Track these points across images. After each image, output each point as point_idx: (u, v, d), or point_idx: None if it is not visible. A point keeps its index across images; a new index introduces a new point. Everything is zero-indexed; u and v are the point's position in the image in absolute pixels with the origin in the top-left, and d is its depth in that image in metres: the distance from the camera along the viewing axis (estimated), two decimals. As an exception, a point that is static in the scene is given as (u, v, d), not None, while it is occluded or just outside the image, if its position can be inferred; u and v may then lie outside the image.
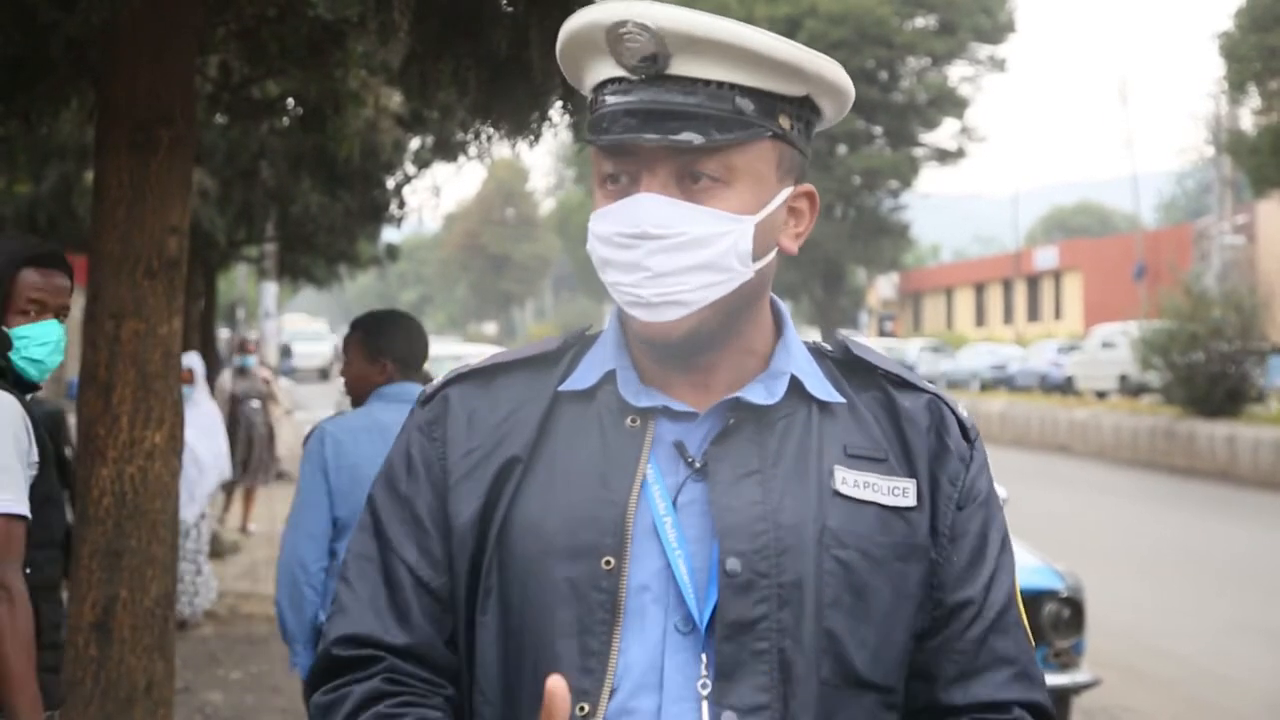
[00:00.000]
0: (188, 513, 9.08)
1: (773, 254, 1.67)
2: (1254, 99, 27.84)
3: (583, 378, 1.70)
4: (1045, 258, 56.55)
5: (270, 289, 20.70)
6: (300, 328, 54.85)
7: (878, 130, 42.78)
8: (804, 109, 1.65)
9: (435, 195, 16.58)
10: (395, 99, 8.60)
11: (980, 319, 61.12)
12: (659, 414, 1.65)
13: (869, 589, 1.60)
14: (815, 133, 1.72)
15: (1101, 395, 32.85)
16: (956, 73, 43.80)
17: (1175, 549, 14.44)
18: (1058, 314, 54.93)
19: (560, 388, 1.69)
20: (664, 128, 1.57)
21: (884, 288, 65.53)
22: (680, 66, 1.58)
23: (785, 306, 1.77)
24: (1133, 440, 25.47)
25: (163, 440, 4.43)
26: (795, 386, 1.67)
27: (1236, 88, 27.83)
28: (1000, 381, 39.42)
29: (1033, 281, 57.23)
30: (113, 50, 4.45)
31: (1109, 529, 15.67)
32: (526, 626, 1.60)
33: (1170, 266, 29.94)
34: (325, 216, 11.75)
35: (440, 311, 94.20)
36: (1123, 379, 31.88)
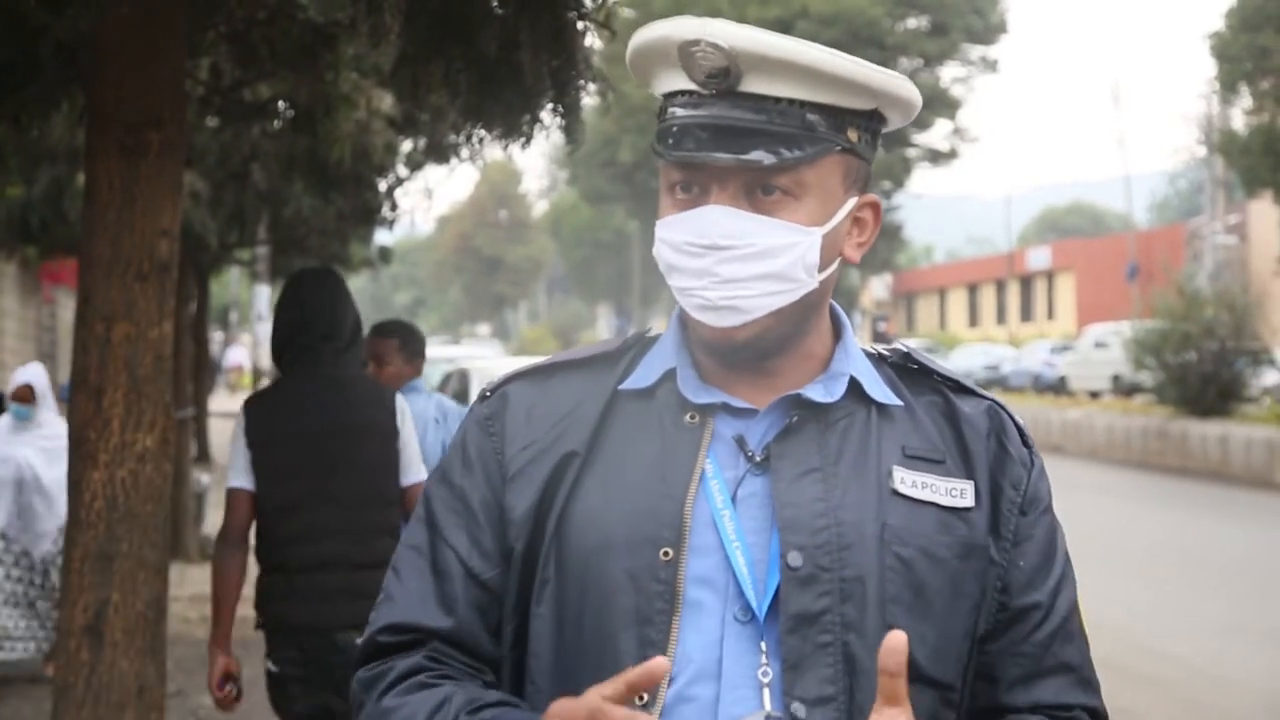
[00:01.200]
0: (38, 550, 8.07)
1: (836, 264, 1.71)
2: (1245, 99, 27.90)
3: (643, 377, 1.73)
4: (1038, 258, 56.64)
5: (263, 292, 20.68)
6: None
7: (870, 131, 42.79)
8: (872, 121, 1.70)
9: (428, 197, 16.57)
10: (386, 101, 8.58)
11: (973, 319, 61.21)
12: (718, 410, 1.69)
13: (928, 587, 1.63)
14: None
15: (1094, 395, 32.90)
16: (949, 74, 43.88)
17: (1169, 549, 14.46)
18: (1051, 314, 55.01)
19: (620, 387, 1.72)
20: (735, 145, 1.60)
21: (877, 288, 65.61)
22: (751, 84, 1.61)
23: (839, 308, 1.80)
24: (1125, 440, 25.50)
25: (154, 443, 4.42)
26: (854, 388, 1.70)
27: (1228, 88, 27.89)
28: (993, 382, 39.46)
29: (1026, 282, 57.32)
30: (102, 53, 4.44)
31: (1102, 529, 15.68)
32: (585, 618, 1.62)
33: (1163, 266, 29.99)
34: (317, 219, 11.74)
35: (433, 314, 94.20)
36: (1116, 379, 31.92)
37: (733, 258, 1.61)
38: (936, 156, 43.97)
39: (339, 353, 4.42)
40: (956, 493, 1.68)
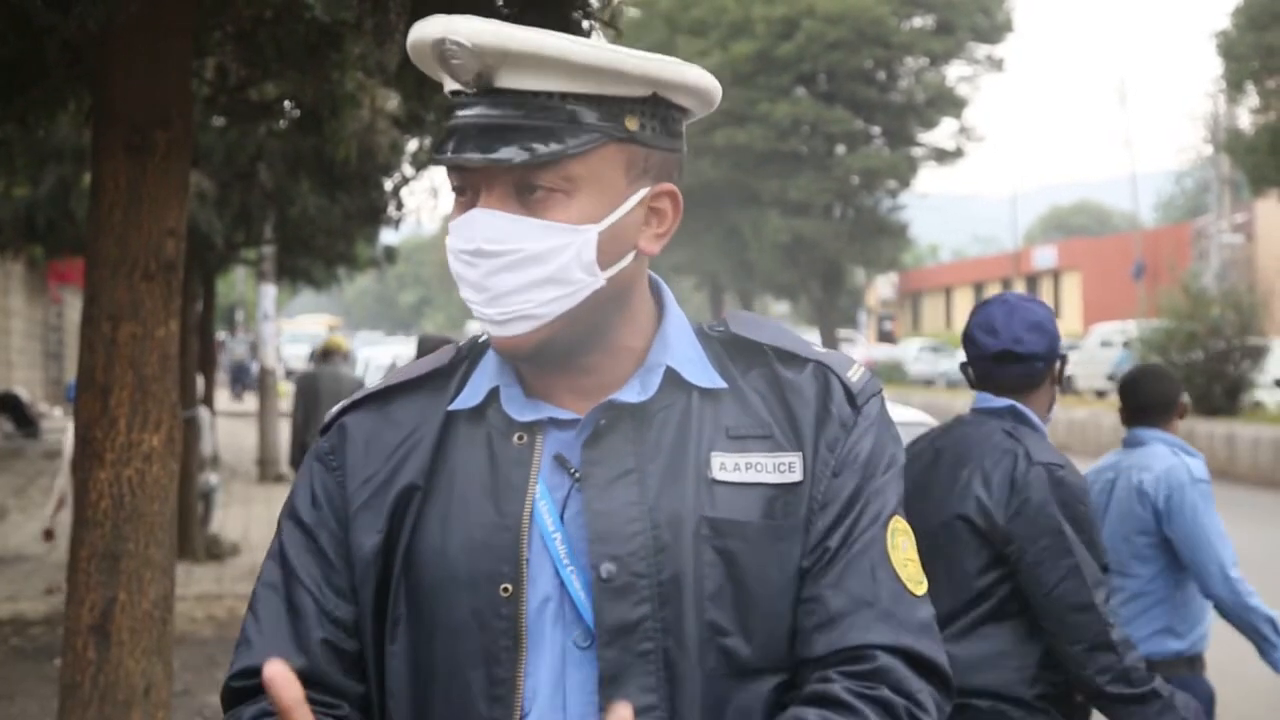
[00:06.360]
0: None
1: (629, 258, 1.63)
2: (1252, 98, 27.84)
3: (471, 395, 1.68)
4: (1044, 257, 56.58)
5: (269, 291, 20.68)
6: (297, 330, 54.68)
7: (876, 130, 42.71)
8: (657, 107, 1.61)
9: (433, 197, 16.57)
10: (392, 101, 8.59)
11: (979, 319, 61.05)
12: (546, 426, 1.64)
13: (751, 575, 1.58)
14: (686, 125, 1.68)
15: (1100, 394, 32.84)
16: (954, 72, 43.75)
17: (1175, 548, 14.41)
18: (1056, 313, 54.74)
19: (450, 407, 1.67)
20: (486, 145, 1.55)
21: (883, 288, 65.55)
22: (508, 79, 1.56)
23: (668, 291, 1.73)
24: (1132, 439, 25.42)
25: (160, 443, 4.43)
26: (674, 377, 1.64)
27: (1234, 86, 27.83)
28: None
29: (1031, 281, 57.24)
30: (109, 53, 4.44)
31: (1108, 528, 15.64)
32: (436, 656, 1.60)
33: (1169, 266, 29.92)
34: (323, 218, 11.73)
35: (439, 313, 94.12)
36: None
37: (501, 267, 1.56)
38: (942, 155, 43.87)
39: None
40: (785, 467, 1.61)
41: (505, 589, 1.57)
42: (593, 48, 1.55)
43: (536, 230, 1.57)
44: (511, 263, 1.57)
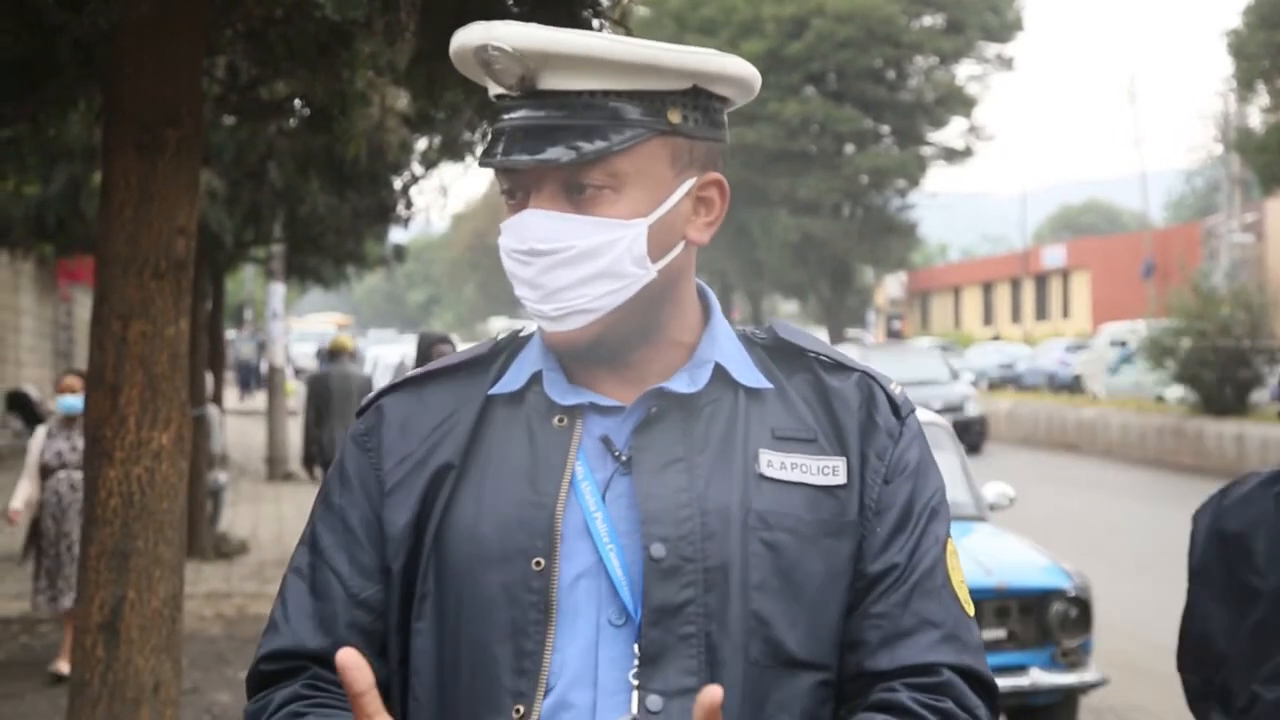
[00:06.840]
0: None
1: (679, 248, 1.67)
2: (1263, 97, 27.83)
3: (512, 380, 1.71)
4: (1053, 256, 56.49)
5: (278, 290, 20.69)
6: (305, 329, 54.69)
7: (885, 129, 42.69)
8: (698, 99, 1.65)
9: (443, 195, 16.60)
10: (402, 99, 8.59)
11: (988, 318, 61.06)
12: (587, 410, 1.67)
13: (799, 570, 1.62)
14: (729, 113, 1.71)
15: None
16: (964, 71, 43.72)
17: (1183, 548, 14.36)
18: (1066, 313, 54.86)
19: (490, 391, 1.71)
20: (533, 147, 1.59)
21: (892, 287, 65.47)
22: (551, 81, 1.60)
23: (714, 296, 1.77)
24: (1141, 439, 25.42)
25: (170, 441, 4.43)
26: (722, 374, 1.68)
27: (1245, 85, 27.83)
28: (1008, 380, 39.36)
29: (1041, 280, 57.18)
30: (120, 52, 4.45)
31: (1117, 528, 15.64)
32: (463, 631, 1.62)
33: (1179, 265, 29.87)
34: (333, 217, 11.74)
35: (448, 312, 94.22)
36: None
37: (555, 264, 1.60)
38: (952, 154, 43.84)
39: None
40: (829, 470, 1.65)
41: (537, 563, 1.60)
42: (632, 45, 1.59)
43: (587, 227, 1.60)
44: (565, 259, 1.60)
